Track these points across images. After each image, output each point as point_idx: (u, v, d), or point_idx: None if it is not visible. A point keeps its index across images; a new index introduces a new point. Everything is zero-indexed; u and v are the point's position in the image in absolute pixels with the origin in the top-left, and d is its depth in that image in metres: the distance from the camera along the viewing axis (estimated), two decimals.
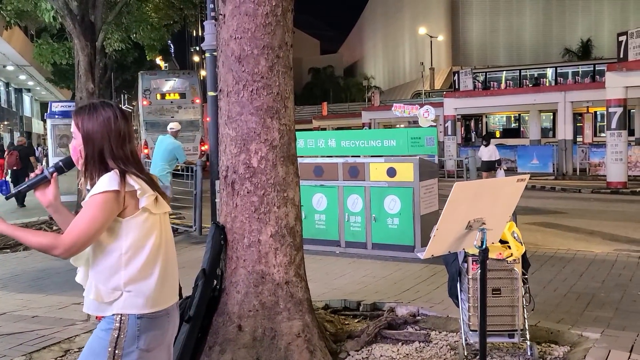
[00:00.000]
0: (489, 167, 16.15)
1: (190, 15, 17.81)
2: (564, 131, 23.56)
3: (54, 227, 11.39)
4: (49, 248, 2.27)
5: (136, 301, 2.35)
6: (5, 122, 44.62)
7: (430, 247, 2.84)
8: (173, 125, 10.98)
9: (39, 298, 6.31)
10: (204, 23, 10.12)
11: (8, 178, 17.83)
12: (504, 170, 16.91)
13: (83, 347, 4.69)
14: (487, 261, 3.00)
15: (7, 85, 45.68)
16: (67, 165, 2.48)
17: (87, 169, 2.39)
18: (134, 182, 2.34)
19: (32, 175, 2.45)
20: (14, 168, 17.10)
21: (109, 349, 2.34)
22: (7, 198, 2.61)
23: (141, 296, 2.36)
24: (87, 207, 2.29)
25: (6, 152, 18.16)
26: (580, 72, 30.73)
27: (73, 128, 2.41)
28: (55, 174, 2.45)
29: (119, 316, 2.35)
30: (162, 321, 2.43)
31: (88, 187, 2.37)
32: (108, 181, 2.29)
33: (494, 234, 3.00)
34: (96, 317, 5.18)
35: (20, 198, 17.31)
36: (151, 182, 2.43)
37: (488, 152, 16.21)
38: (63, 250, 2.27)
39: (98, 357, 2.36)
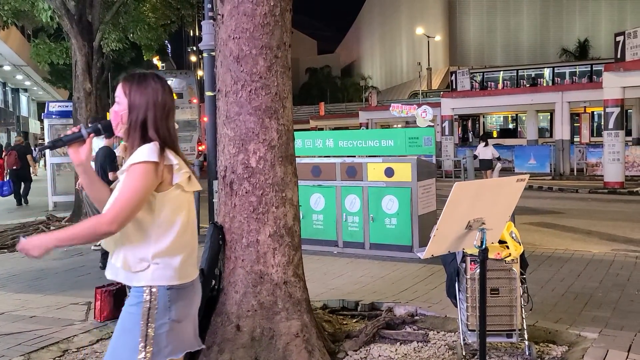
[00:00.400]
0: (489, 166, 16.84)
1: (187, 15, 17.79)
2: (562, 131, 23.61)
3: (52, 228, 11.38)
4: (96, 228, 2.24)
5: (165, 273, 2.36)
6: (2, 122, 44.54)
7: (430, 247, 2.85)
8: None
9: (37, 298, 6.30)
10: (201, 23, 10.10)
11: (6, 178, 17.94)
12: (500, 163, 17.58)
13: (81, 347, 4.73)
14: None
15: (3, 85, 45.59)
16: (105, 128, 2.48)
17: (128, 136, 2.41)
18: (172, 157, 2.37)
19: (69, 132, 2.45)
20: (14, 167, 17.17)
21: (141, 322, 2.33)
22: (42, 149, 2.60)
23: (169, 269, 2.36)
24: (128, 177, 2.29)
25: (4, 153, 18.18)
26: (577, 72, 30.80)
27: (119, 92, 2.42)
28: (91, 135, 2.46)
29: (149, 288, 2.34)
30: (189, 292, 2.45)
31: (120, 154, 2.38)
32: (148, 152, 2.30)
33: (493, 234, 3.00)
34: (95, 318, 5.17)
35: (19, 198, 17.42)
36: (185, 160, 2.47)
37: (488, 151, 16.85)
38: (109, 224, 2.23)
39: (131, 333, 2.34)
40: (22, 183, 17.30)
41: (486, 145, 16.86)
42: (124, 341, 2.36)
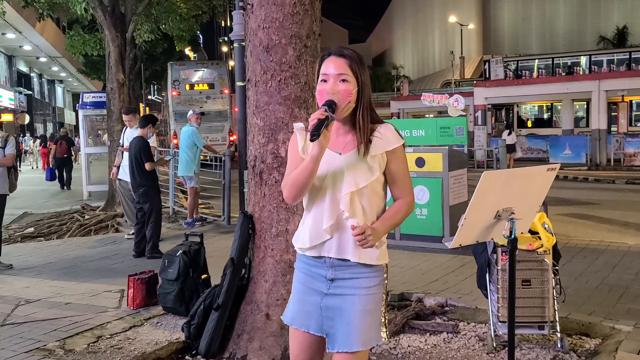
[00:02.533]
0: (513, 149, 21.50)
1: (218, 5, 17.87)
2: (598, 120, 23.13)
3: (86, 217, 11.60)
4: (409, 211, 2.51)
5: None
6: (39, 113, 45.49)
7: (458, 236, 2.81)
8: (189, 113, 10.98)
9: (72, 285, 6.44)
10: (232, 13, 10.11)
11: (51, 166, 19.98)
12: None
13: (115, 333, 4.82)
14: (517, 252, 2.96)
15: (40, 76, 46.53)
16: (331, 108, 2.35)
17: (359, 114, 2.43)
18: None
19: (313, 120, 2.30)
20: (64, 156, 19.21)
21: (383, 296, 2.53)
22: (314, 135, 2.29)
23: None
24: (401, 158, 2.49)
25: (50, 143, 20.06)
26: (615, 60, 30.02)
27: (346, 70, 2.41)
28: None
29: (385, 266, 2.54)
30: None
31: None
32: (397, 134, 2.50)
33: (523, 224, 2.95)
34: (128, 305, 5.24)
35: (63, 183, 18.73)
36: None
37: (511, 137, 21.81)
38: (412, 203, 2.52)
39: (376, 313, 2.49)
40: (65, 170, 19.14)
41: (510, 133, 21.57)
42: (370, 323, 2.45)
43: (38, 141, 33.05)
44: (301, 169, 2.38)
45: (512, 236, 2.86)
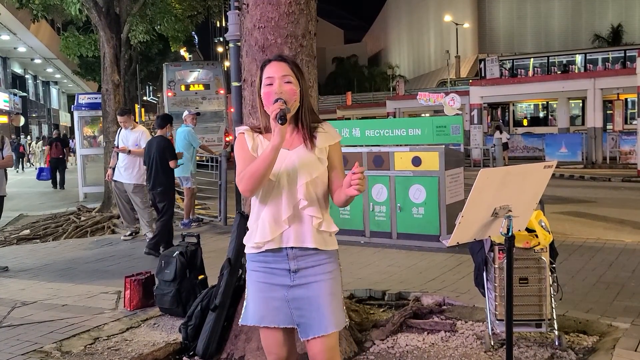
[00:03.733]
0: (506, 147, 22.41)
1: (213, 5, 17.87)
2: (594, 119, 23.15)
3: (82, 218, 11.57)
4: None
5: None
6: (34, 115, 45.36)
7: (455, 234, 2.81)
8: (185, 114, 10.99)
9: (69, 287, 6.42)
10: (227, 13, 10.13)
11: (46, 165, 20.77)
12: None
13: (112, 335, 4.81)
14: (514, 250, 2.96)
15: (35, 78, 46.40)
16: (284, 102, 2.54)
17: (302, 112, 2.63)
18: None
19: (275, 108, 2.48)
20: (60, 156, 19.91)
21: (341, 284, 2.71)
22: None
23: None
24: (340, 154, 2.73)
25: (46, 144, 20.98)
26: (610, 59, 30.08)
27: (289, 72, 2.59)
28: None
29: (336, 251, 2.72)
30: None
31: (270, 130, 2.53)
32: (335, 129, 2.74)
33: (520, 222, 2.95)
34: (125, 307, 5.23)
35: (56, 183, 19.33)
36: None
37: (504, 136, 22.52)
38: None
39: (339, 295, 2.67)
40: (58, 170, 19.81)
41: (501, 132, 22.33)
42: (336, 306, 2.61)
43: (40, 142, 33.65)
44: (261, 160, 2.50)
45: (510, 234, 2.86)
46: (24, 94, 40.78)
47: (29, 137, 37.29)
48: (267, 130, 2.63)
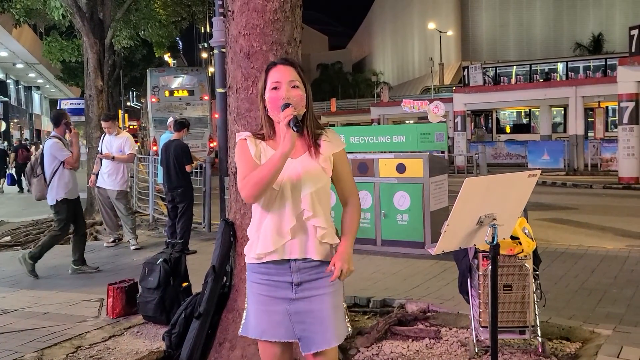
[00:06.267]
0: None
1: (198, 12, 17.84)
2: (575, 126, 23.42)
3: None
4: (359, 212, 2.71)
5: None
6: (15, 120, 44.88)
7: (441, 243, 2.82)
8: (169, 120, 10.99)
9: (50, 295, 6.34)
10: (212, 19, 10.11)
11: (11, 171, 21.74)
12: None
13: (94, 343, 4.76)
14: (498, 257, 2.98)
15: (16, 83, 45.94)
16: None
17: (307, 119, 2.56)
18: None
19: (287, 114, 2.41)
20: (27, 161, 20.16)
21: (343, 296, 2.69)
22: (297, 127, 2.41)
23: None
24: (347, 160, 2.68)
25: (11, 151, 22.03)
26: (591, 67, 30.48)
27: (296, 77, 2.52)
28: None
29: None
30: None
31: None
32: (339, 135, 2.69)
33: (505, 230, 2.97)
34: (107, 314, 5.16)
35: (22, 187, 20.08)
36: None
37: None
38: (359, 204, 2.72)
39: (341, 307, 2.65)
40: (23, 175, 20.49)
41: None
42: (339, 318, 2.59)
43: (33, 148, 33.70)
44: (269, 167, 2.41)
45: (495, 242, 2.88)
46: (6, 99, 40.34)
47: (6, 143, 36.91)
48: (271, 137, 2.57)
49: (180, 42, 58.53)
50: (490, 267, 2.99)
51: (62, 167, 7.29)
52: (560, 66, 31.70)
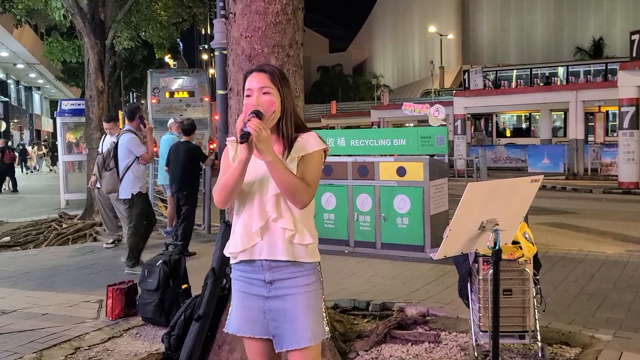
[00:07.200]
0: None
1: (199, 13, 17.86)
2: (575, 130, 23.40)
3: (64, 225, 11.44)
4: (300, 190, 2.46)
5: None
6: (16, 120, 44.90)
7: (443, 248, 2.81)
8: (170, 121, 10.97)
9: (49, 296, 6.33)
10: (213, 21, 10.13)
11: None
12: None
13: (93, 344, 4.75)
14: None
15: (17, 83, 45.97)
16: (258, 115, 2.48)
17: (282, 122, 2.56)
18: None
19: (243, 128, 2.42)
20: (12, 162, 21.55)
21: (322, 294, 2.65)
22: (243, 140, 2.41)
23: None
24: (316, 161, 2.54)
25: None
26: (592, 71, 30.51)
27: (268, 83, 2.54)
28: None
29: (318, 263, 2.64)
30: None
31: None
32: (319, 140, 2.58)
33: (507, 235, 2.96)
34: (107, 316, 5.14)
35: (12, 184, 20.32)
36: None
37: None
38: (309, 196, 2.50)
39: (317, 308, 2.60)
40: (9, 175, 21.38)
41: None
42: (313, 319, 2.57)
43: (36, 147, 33.89)
44: (230, 173, 2.51)
45: (497, 247, 2.87)
46: (6, 99, 40.36)
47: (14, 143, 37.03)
48: None
49: (181, 44, 58.57)
50: (490, 271, 2.98)
51: (136, 162, 7.34)
52: (561, 70, 31.74)
